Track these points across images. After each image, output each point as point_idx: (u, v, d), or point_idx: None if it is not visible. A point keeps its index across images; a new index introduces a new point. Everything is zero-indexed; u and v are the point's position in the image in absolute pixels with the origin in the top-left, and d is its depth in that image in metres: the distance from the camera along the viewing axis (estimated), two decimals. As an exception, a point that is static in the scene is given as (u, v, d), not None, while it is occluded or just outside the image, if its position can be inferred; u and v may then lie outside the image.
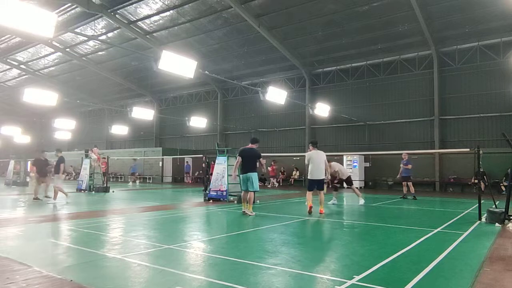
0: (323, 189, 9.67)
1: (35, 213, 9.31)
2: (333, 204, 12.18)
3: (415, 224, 7.87)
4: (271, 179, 24.25)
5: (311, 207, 9.21)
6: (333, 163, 12.84)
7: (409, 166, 14.09)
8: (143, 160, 30.26)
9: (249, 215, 8.79)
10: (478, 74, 19.35)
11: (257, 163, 9.30)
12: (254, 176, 9.11)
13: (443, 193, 18.69)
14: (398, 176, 14.67)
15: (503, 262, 4.65)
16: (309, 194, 9.44)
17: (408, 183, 14.08)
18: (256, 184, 9.13)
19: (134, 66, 28.60)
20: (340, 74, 23.93)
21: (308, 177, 9.64)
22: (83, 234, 6.55)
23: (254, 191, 9.14)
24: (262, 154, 9.54)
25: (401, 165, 14.31)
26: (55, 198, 11.82)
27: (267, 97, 15.00)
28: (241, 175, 9.32)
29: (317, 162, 9.55)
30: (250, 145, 9.49)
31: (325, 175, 9.97)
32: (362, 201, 12.07)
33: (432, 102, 20.36)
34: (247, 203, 9.03)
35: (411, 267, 4.37)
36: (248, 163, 9.14)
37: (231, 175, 12.60)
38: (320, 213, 9.09)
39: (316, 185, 9.52)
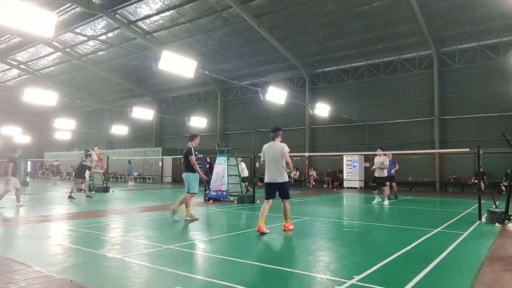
0: (287, 197, 6.71)
1: (35, 213, 9.31)
2: (378, 203, 11.80)
3: (415, 224, 7.87)
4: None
5: (260, 228, 6.36)
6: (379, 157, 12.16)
7: (397, 166, 13.91)
8: (143, 160, 30.26)
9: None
10: (478, 74, 19.35)
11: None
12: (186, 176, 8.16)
13: (443, 193, 18.69)
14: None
15: (503, 262, 4.65)
16: (264, 206, 6.57)
17: (393, 183, 13.86)
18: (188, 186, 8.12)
19: (134, 66, 28.60)
20: (340, 74, 23.93)
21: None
22: (83, 234, 6.55)
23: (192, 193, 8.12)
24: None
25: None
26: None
27: (267, 97, 14.99)
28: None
29: (269, 158, 6.70)
30: (189, 143, 8.35)
31: (291, 175, 7.19)
32: (376, 200, 11.95)
33: (432, 102, 20.36)
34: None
35: (411, 267, 4.36)
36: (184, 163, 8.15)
37: (231, 175, 12.68)
38: (285, 229, 6.73)
39: (273, 192, 6.67)
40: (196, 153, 8.24)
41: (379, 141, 21.93)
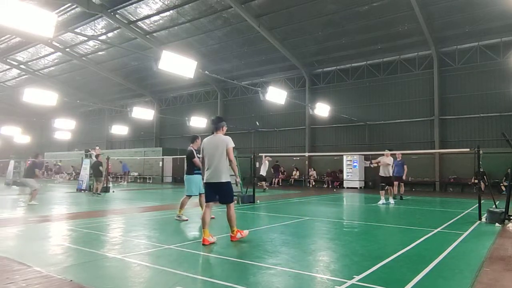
0: (229, 201, 5.74)
1: (35, 213, 9.31)
2: (383, 203, 11.84)
3: (415, 224, 7.87)
4: None
5: (205, 240, 5.49)
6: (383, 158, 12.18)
7: (406, 169, 13.93)
8: (143, 160, 30.26)
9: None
10: (478, 74, 19.35)
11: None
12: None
13: (443, 193, 18.69)
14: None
15: (503, 262, 4.64)
16: (204, 210, 5.77)
17: (401, 183, 13.97)
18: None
19: (134, 66, 28.60)
20: (340, 74, 23.93)
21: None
22: (83, 234, 6.54)
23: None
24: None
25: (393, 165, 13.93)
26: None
27: (267, 97, 15.00)
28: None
29: (209, 153, 5.69)
30: (190, 145, 8.13)
31: (237, 180, 6.45)
32: (381, 201, 11.98)
33: (432, 102, 20.36)
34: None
35: (411, 267, 4.36)
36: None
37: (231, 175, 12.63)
38: (232, 240, 5.74)
39: (214, 193, 5.67)
40: (198, 155, 8.15)
41: (379, 141, 21.93)
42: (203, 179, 5.83)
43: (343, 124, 23.10)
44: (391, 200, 12.06)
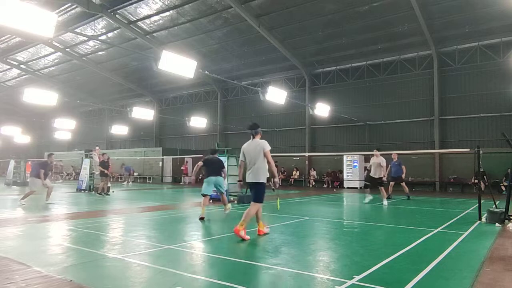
0: (257, 201, 6.09)
1: (35, 213, 9.31)
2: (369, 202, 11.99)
3: (415, 224, 7.86)
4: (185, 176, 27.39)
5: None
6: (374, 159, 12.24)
7: (404, 169, 13.92)
8: (143, 160, 30.25)
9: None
10: (478, 74, 19.36)
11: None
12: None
13: (443, 193, 18.68)
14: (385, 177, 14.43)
15: (503, 262, 4.64)
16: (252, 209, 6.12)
17: (402, 183, 13.95)
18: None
19: (134, 66, 28.60)
20: (340, 74, 23.93)
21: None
22: (83, 234, 6.54)
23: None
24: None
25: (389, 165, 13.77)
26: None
27: (267, 97, 14.99)
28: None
29: (249, 156, 6.20)
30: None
31: (276, 180, 6.60)
32: (368, 199, 12.07)
33: (432, 102, 20.36)
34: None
35: (411, 267, 4.36)
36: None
37: (231, 175, 12.70)
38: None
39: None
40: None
41: (379, 141, 21.94)
42: (242, 181, 6.68)
43: (343, 124, 23.09)
44: (385, 202, 11.85)
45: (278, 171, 24.78)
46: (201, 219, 8.23)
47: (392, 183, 14.24)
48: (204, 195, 8.84)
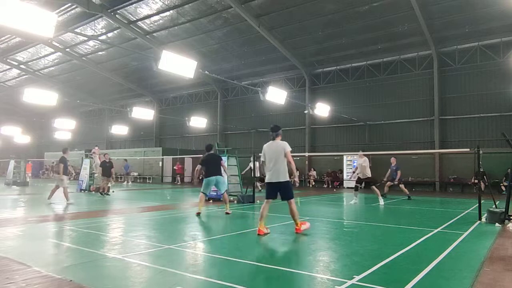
0: (290, 197, 6.37)
1: (35, 213, 9.31)
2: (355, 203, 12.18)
3: (415, 224, 7.86)
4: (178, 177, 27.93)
5: (261, 231, 6.23)
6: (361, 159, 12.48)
7: (399, 174, 14.24)
8: (143, 160, 30.24)
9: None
10: (478, 74, 19.36)
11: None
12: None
13: (443, 193, 18.69)
14: (386, 179, 14.71)
15: (503, 262, 4.64)
16: (263, 207, 6.41)
17: (400, 185, 14.30)
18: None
19: (134, 66, 28.60)
20: (340, 74, 23.93)
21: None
22: (83, 234, 6.54)
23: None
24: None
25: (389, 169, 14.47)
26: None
27: (267, 97, 14.99)
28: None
29: (269, 158, 6.46)
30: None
31: (295, 179, 6.89)
32: (381, 202, 12.08)
33: (432, 102, 20.36)
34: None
35: (411, 267, 4.36)
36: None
37: (231, 175, 12.71)
38: (297, 232, 6.44)
39: (275, 192, 6.43)
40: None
41: (379, 141, 21.95)
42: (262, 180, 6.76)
43: (343, 124, 23.09)
44: (381, 201, 11.93)
45: (183, 169, 26.33)
46: (198, 214, 8.61)
47: (389, 183, 14.41)
48: (203, 193, 9.04)
